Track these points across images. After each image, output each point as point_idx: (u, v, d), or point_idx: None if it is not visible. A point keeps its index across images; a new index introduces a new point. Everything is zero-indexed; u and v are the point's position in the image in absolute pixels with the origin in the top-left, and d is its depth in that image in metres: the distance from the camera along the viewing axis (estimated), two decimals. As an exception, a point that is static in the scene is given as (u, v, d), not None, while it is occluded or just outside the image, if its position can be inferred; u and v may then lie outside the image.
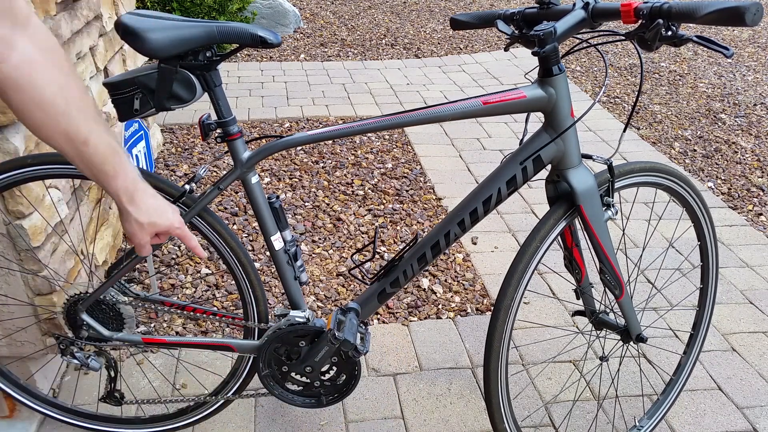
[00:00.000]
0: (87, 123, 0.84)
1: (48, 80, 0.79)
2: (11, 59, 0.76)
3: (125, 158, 0.92)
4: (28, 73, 0.78)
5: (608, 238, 1.29)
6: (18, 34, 0.77)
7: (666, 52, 5.19)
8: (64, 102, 0.81)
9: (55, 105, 0.80)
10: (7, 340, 1.59)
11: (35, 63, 0.78)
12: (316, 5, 6.55)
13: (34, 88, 0.78)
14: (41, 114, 0.80)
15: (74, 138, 0.84)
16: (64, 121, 0.82)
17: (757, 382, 1.88)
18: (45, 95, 0.79)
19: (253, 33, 1.12)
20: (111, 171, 0.90)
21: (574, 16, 1.13)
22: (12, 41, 0.76)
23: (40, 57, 0.78)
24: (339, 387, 1.46)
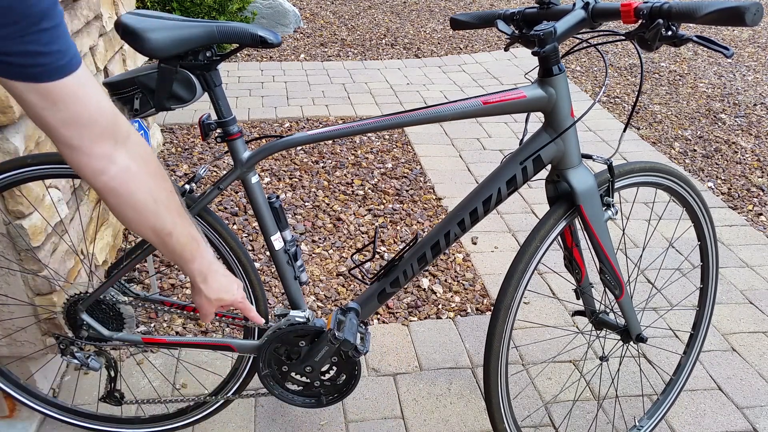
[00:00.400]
0: (172, 218, 0.97)
1: (141, 186, 0.91)
2: (110, 172, 0.87)
3: (202, 244, 1.06)
4: (125, 182, 0.89)
5: (608, 238, 1.29)
6: (118, 150, 0.88)
7: (666, 52, 5.19)
8: (153, 202, 0.93)
9: (145, 206, 0.93)
10: (7, 340, 1.59)
11: (131, 173, 0.89)
12: (316, 5, 6.55)
13: (129, 194, 0.90)
14: (133, 213, 0.93)
15: (160, 231, 0.97)
16: (152, 218, 0.95)
17: (757, 382, 1.88)
18: (138, 199, 0.92)
19: (253, 33, 1.12)
20: (189, 256, 1.04)
21: (574, 16, 1.13)
22: (112, 157, 0.87)
23: (135, 167, 0.90)
24: (339, 387, 1.46)
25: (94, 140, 0.85)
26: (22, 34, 0.75)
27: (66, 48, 0.80)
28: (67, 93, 0.80)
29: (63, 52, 0.79)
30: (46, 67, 0.78)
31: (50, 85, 0.79)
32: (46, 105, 0.80)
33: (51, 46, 0.78)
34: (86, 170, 0.87)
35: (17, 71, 0.77)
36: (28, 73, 0.78)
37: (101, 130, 0.85)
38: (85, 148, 0.85)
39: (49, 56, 0.78)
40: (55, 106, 0.80)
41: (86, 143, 0.84)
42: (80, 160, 0.86)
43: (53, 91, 0.79)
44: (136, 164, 0.90)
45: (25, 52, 0.76)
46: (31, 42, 0.76)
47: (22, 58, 0.77)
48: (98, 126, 0.84)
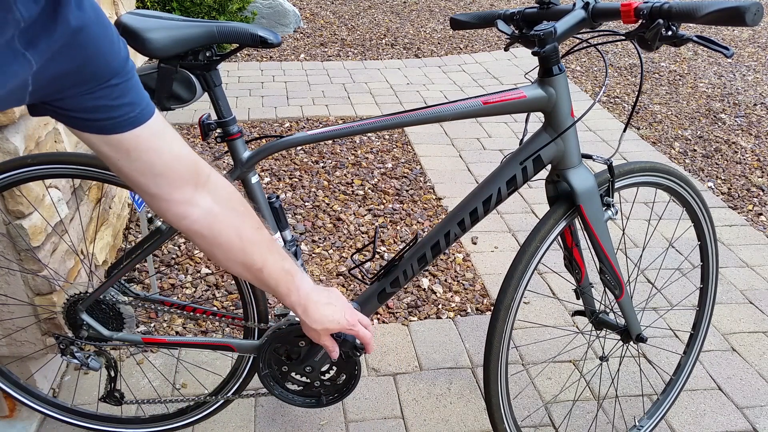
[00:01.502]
0: (261, 254, 0.98)
1: (225, 226, 0.92)
2: (193, 215, 0.89)
3: (298, 277, 1.05)
4: (209, 224, 0.91)
5: (608, 238, 1.29)
6: (199, 193, 0.89)
7: (666, 52, 5.19)
8: (239, 240, 0.94)
9: (231, 245, 0.94)
10: (7, 340, 1.59)
11: (213, 214, 0.91)
12: (316, 5, 6.55)
13: (213, 236, 0.92)
14: (220, 252, 0.94)
15: (251, 267, 0.97)
16: (241, 255, 0.95)
17: (757, 382, 1.88)
18: (222, 239, 0.93)
19: (253, 33, 1.12)
20: (284, 290, 1.03)
21: (574, 16, 1.13)
22: (194, 200, 0.88)
23: (218, 208, 0.91)
24: (339, 387, 1.46)
25: (173, 187, 0.85)
26: (91, 92, 0.76)
27: (137, 100, 0.80)
28: (138, 143, 0.81)
29: (133, 105, 0.79)
30: (115, 120, 0.78)
31: (120, 136, 0.79)
32: (120, 156, 0.81)
33: (121, 99, 0.78)
34: (168, 215, 0.88)
35: (88, 125, 0.78)
36: (98, 126, 0.78)
37: (178, 177, 0.86)
38: (165, 194, 0.86)
39: (118, 110, 0.78)
40: (129, 157, 0.81)
41: (165, 190, 0.85)
42: (160, 206, 0.87)
43: (124, 142, 0.80)
44: (218, 206, 0.91)
45: (94, 108, 0.77)
46: (101, 98, 0.76)
47: (92, 113, 0.77)
48: (174, 173, 0.85)
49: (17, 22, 0.64)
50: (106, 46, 0.75)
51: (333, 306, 1.11)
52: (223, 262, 0.96)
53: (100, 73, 0.75)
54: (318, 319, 1.08)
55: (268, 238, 1.00)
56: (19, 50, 0.67)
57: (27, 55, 0.68)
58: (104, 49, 0.75)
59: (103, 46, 0.75)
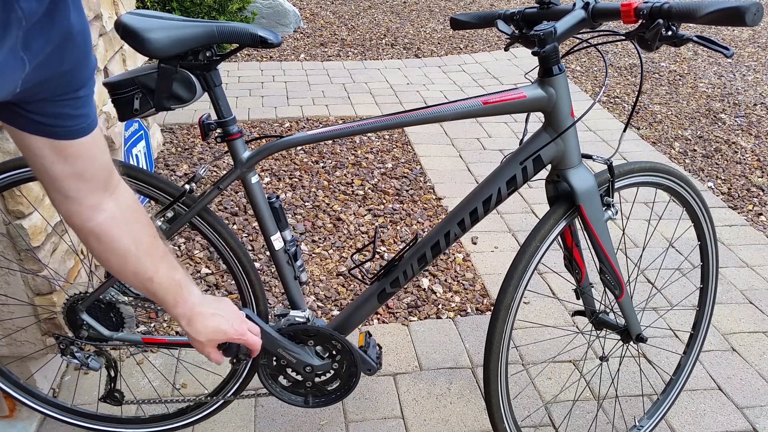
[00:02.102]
0: (153, 263, 0.99)
1: (124, 232, 0.94)
2: (97, 219, 0.91)
3: (187, 289, 1.06)
4: (109, 228, 0.92)
5: (608, 238, 1.29)
6: (106, 199, 0.91)
7: (666, 52, 5.19)
8: (135, 248, 0.96)
9: (127, 251, 0.95)
10: (7, 340, 1.59)
11: (116, 220, 0.93)
12: (316, 5, 6.55)
13: (112, 240, 0.93)
14: (115, 258, 0.95)
15: (141, 275, 0.99)
16: (133, 263, 0.97)
17: (757, 382, 1.88)
18: (120, 245, 0.94)
19: (253, 33, 1.12)
20: (171, 301, 1.04)
21: (574, 16, 1.13)
22: (101, 205, 0.91)
23: (120, 215, 0.93)
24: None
25: (90, 192, 0.88)
26: (61, 99, 0.78)
27: (91, 111, 0.83)
28: (80, 151, 0.84)
29: (88, 116, 0.83)
30: (71, 128, 0.81)
31: (68, 142, 0.82)
32: (57, 159, 0.83)
33: (81, 110, 0.81)
34: (74, 218, 0.90)
35: (42, 128, 0.80)
36: (52, 131, 0.80)
37: (97, 183, 0.89)
38: (80, 199, 0.88)
39: (77, 119, 0.81)
40: (66, 162, 0.83)
41: (82, 195, 0.88)
42: (71, 208, 0.89)
43: (69, 148, 0.82)
44: (121, 212, 0.93)
45: (57, 114, 0.79)
46: (65, 106, 0.79)
47: (53, 119, 0.79)
48: (97, 180, 0.88)
49: (20, 20, 0.64)
50: (84, 56, 0.78)
51: (219, 317, 1.10)
52: (115, 269, 0.97)
53: (74, 83, 0.78)
54: (201, 330, 1.08)
55: (162, 248, 1.01)
56: (19, 53, 0.68)
57: (24, 58, 0.69)
58: (83, 59, 0.78)
59: (83, 57, 0.78)
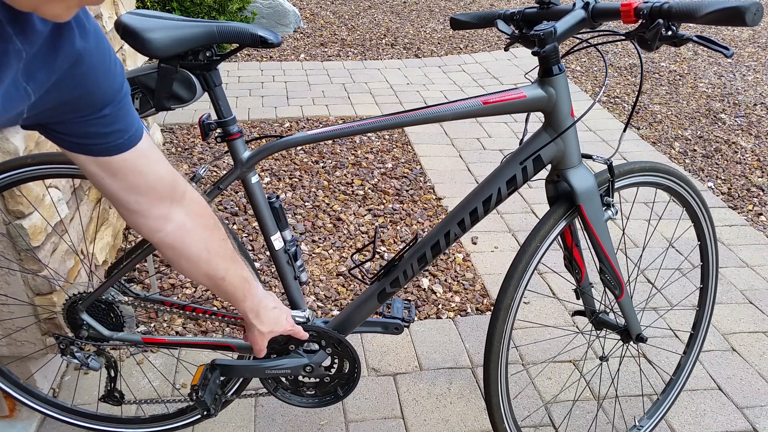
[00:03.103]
0: (224, 264, 1.04)
1: (195, 240, 0.97)
2: (166, 229, 0.93)
3: (254, 284, 1.13)
4: (180, 237, 0.95)
5: (608, 238, 1.29)
6: (174, 209, 0.93)
7: (666, 52, 5.19)
8: (207, 252, 1.00)
9: (199, 257, 0.99)
10: (7, 339, 1.59)
11: (185, 229, 0.95)
12: (316, 5, 6.55)
13: (183, 248, 0.96)
14: (188, 264, 0.99)
15: (213, 276, 1.03)
16: (206, 266, 1.01)
17: (757, 382, 1.88)
18: (192, 251, 0.98)
19: (253, 33, 1.12)
20: (241, 296, 1.11)
21: (574, 16, 1.13)
22: (169, 216, 0.93)
23: (190, 223, 0.96)
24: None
25: (152, 204, 0.90)
26: (84, 119, 0.78)
27: (127, 126, 0.82)
28: (126, 165, 0.84)
29: (123, 131, 0.82)
30: (105, 145, 0.81)
31: (109, 158, 0.82)
32: (106, 175, 0.84)
33: (112, 126, 0.81)
34: (143, 229, 0.93)
35: (78, 147, 0.81)
36: (88, 149, 0.81)
37: (158, 195, 0.90)
38: (144, 211, 0.90)
39: (109, 136, 0.81)
40: (115, 177, 0.84)
41: (145, 207, 0.89)
42: (138, 221, 0.91)
43: (113, 163, 0.83)
44: (190, 220, 0.96)
45: (85, 134, 0.79)
46: (93, 125, 0.79)
47: (83, 138, 0.79)
48: (156, 192, 0.89)
49: (19, 52, 0.64)
50: (102, 76, 0.77)
51: (279, 310, 1.21)
52: (187, 271, 1.01)
53: (94, 103, 0.77)
54: (267, 322, 1.17)
55: (231, 249, 1.06)
56: (21, 84, 0.67)
57: (28, 89, 0.68)
58: (101, 79, 0.77)
59: (100, 77, 0.77)
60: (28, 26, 0.63)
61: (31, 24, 0.64)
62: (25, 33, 0.63)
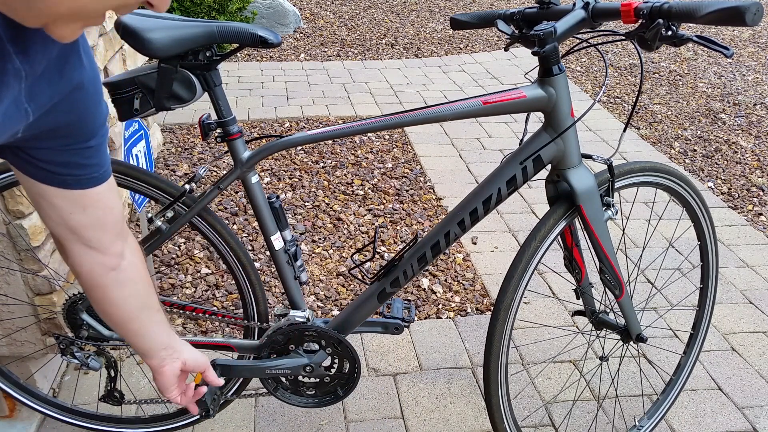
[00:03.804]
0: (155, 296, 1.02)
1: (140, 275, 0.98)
2: (121, 265, 0.93)
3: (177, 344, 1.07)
4: (132, 273, 0.95)
5: (608, 238, 1.29)
6: (125, 245, 0.94)
7: (666, 52, 5.19)
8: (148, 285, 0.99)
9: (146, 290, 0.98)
10: (7, 339, 1.59)
11: (133, 263, 0.96)
12: (316, 5, 6.55)
13: (134, 283, 0.96)
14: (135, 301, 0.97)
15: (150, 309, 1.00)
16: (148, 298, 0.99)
17: (757, 382, 1.88)
18: (140, 287, 0.97)
19: (253, 33, 1.12)
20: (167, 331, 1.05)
21: (574, 16, 1.13)
22: (123, 252, 0.93)
23: (136, 258, 0.97)
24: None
25: (112, 241, 0.90)
26: (69, 149, 0.78)
27: (104, 161, 0.83)
28: (97, 199, 0.84)
29: (100, 165, 0.83)
30: (82, 177, 0.81)
31: (81, 192, 0.82)
32: (75, 209, 0.83)
33: (92, 159, 0.81)
34: (97, 269, 0.91)
35: (54, 178, 0.80)
36: (63, 181, 0.80)
37: (117, 232, 0.90)
38: (104, 248, 0.89)
39: (87, 168, 0.81)
40: (84, 211, 0.84)
41: (105, 244, 0.89)
42: (95, 259, 0.90)
43: (85, 197, 0.83)
44: (136, 256, 0.97)
45: (66, 163, 0.79)
46: (75, 155, 0.79)
47: (64, 168, 0.79)
48: (115, 228, 0.90)
49: (18, 71, 0.63)
50: (94, 106, 0.78)
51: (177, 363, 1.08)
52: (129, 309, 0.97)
53: (83, 133, 0.78)
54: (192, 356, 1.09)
55: None
56: (23, 104, 0.67)
57: (28, 109, 0.68)
58: (93, 109, 0.78)
59: (93, 107, 0.77)
60: (31, 47, 0.64)
61: (34, 45, 0.64)
62: (27, 53, 0.63)
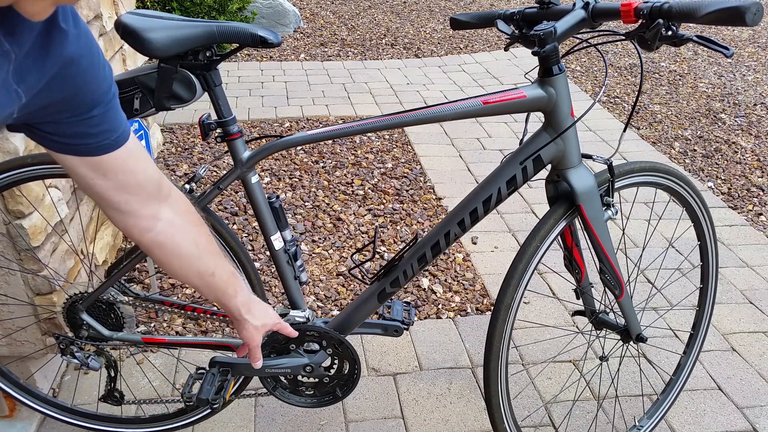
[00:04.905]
0: (213, 260, 1.03)
1: (184, 237, 0.97)
2: (157, 228, 0.93)
3: (240, 279, 1.11)
4: (171, 235, 0.95)
5: (608, 237, 1.29)
6: (162, 208, 0.94)
7: (666, 52, 5.19)
8: (196, 248, 1.00)
9: (190, 253, 0.99)
10: (7, 339, 1.59)
11: (174, 226, 0.96)
12: (316, 5, 6.55)
13: (174, 245, 0.96)
14: (179, 261, 0.98)
15: (204, 273, 1.02)
16: (197, 262, 1.01)
17: (757, 382, 1.88)
18: (183, 249, 0.98)
19: (253, 33, 1.12)
20: (232, 292, 1.09)
21: (574, 16, 1.13)
22: (158, 214, 0.93)
23: (178, 220, 0.96)
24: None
25: (143, 203, 0.90)
26: (73, 120, 0.78)
27: (115, 127, 0.83)
28: (115, 165, 0.84)
29: (112, 131, 0.82)
30: (94, 145, 0.81)
31: (98, 158, 0.83)
32: (96, 176, 0.84)
33: (100, 127, 0.81)
34: (134, 230, 0.93)
35: (66, 147, 0.81)
36: (78, 150, 0.81)
37: (148, 194, 0.90)
38: (134, 211, 0.90)
39: (97, 136, 0.81)
40: (105, 177, 0.85)
41: (135, 207, 0.89)
42: (128, 221, 0.91)
43: (102, 164, 0.83)
44: (178, 217, 0.96)
45: (74, 134, 0.79)
46: (81, 125, 0.79)
47: (71, 138, 0.80)
48: (145, 191, 0.90)
49: (7, 53, 0.64)
50: (92, 78, 0.77)
51: (264, 304, 1.20)
52: (178, 270, 1.00)
53: (83, 104, 0.78)
54: (260, 315, 1.15)
55: (216, 245, 1.06)
56: (12, 86, 0.67)
57: (19, 91, 0.68)
58: (90, 81, 0.77)
59: (89, 79, 0.77)
60: (17, 28, 0.64)
61: (20, 26, 0.64)
62: (14, 35, 0.64)
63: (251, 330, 1.16)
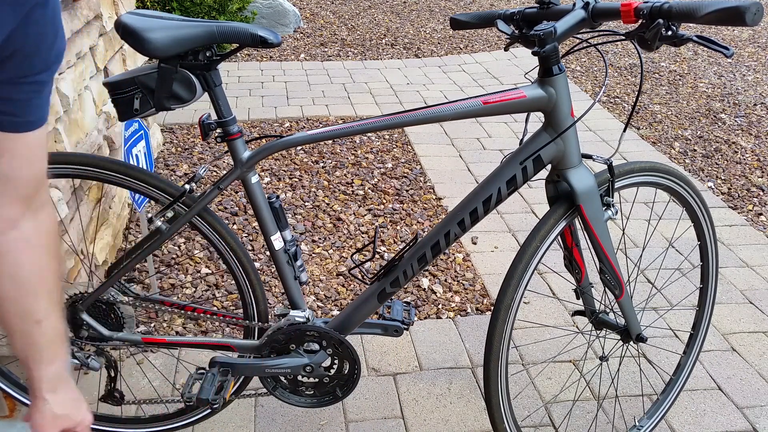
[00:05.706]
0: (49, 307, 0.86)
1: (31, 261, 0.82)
2: (9, 235, 0.80)
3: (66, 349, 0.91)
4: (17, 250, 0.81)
5: (608, 237, 1.29)
6: (26, 217, 0.81)
7: (666, 52, 5.19)
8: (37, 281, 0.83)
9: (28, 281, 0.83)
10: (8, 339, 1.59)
11: (27, 243, 0.82)
12: (316, 5, 6.55)
13: (14, 263, 0.81)
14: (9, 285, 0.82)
15: (29, 316, 0.84)
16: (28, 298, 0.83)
17: (757, 382, 1.88)
18: (21, 273, 0.82)
19: (253, 33, 1.12)
20: (49, 357, 0.87)
21: (574, 16, 1.13)
22: (18, 222, 0.80)
23: (35, 240, 0.83)
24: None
25: (8, 202, 0.78)
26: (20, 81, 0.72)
27: (44, 104, 0.77)
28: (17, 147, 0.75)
29: (39, 109, 0.76)
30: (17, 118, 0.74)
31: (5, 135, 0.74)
32: None
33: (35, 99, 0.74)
34: None
35: None
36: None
37: (19, 194, 0.79)
38: None
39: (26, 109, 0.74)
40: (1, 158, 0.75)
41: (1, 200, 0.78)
42: None
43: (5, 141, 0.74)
44: (37, 237, 0.83)
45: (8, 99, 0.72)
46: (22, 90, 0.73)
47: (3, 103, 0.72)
48: (19, 190, 0.78)
49: None
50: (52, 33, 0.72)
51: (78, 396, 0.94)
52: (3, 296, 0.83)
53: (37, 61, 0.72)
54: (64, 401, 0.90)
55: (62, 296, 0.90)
56: None
57: None
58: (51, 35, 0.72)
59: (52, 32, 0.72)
60: None
61: None
62: None
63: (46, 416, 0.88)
